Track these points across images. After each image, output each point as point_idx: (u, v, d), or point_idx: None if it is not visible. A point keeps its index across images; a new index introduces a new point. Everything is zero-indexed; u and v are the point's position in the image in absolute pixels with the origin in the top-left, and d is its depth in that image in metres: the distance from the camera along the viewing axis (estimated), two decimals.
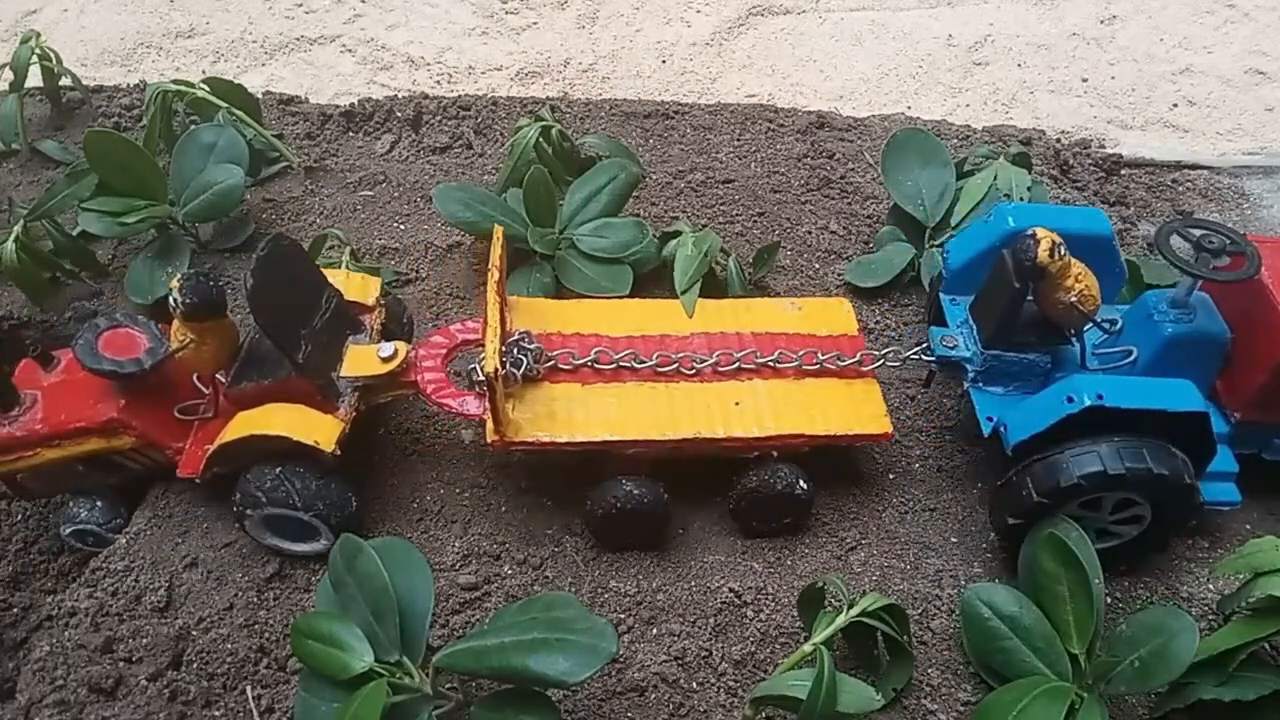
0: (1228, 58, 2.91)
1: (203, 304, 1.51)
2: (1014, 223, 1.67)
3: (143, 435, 1.59)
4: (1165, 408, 1.43)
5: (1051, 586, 1.43)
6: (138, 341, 1.58)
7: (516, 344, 1.62)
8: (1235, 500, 1.62)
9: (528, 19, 3.07)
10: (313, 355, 1.58)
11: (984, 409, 1.64)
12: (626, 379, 1.66)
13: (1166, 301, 1.60)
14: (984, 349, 1.64)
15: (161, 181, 2.02)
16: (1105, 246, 1.69)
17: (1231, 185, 2.47)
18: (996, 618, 1.45)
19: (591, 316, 1.75)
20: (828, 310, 1.81)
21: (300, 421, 1.54)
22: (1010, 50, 2.95)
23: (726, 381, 1.67)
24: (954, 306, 1.75)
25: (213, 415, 1.63)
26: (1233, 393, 1.64)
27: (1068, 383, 1.49)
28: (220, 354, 1.59)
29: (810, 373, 1.69)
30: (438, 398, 1.62)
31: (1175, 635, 1.35)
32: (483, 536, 1.66)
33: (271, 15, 3.05)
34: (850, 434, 1.63)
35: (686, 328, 1.75)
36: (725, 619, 1.57)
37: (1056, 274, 1.51)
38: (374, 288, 1.77)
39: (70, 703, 1.47)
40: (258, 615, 1.56)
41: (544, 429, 1.57)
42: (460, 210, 1.99)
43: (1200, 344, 1.59)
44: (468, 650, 1.28)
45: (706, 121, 2.51)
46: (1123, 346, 1.64)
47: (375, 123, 2.48)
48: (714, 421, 1.60)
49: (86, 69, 2.81)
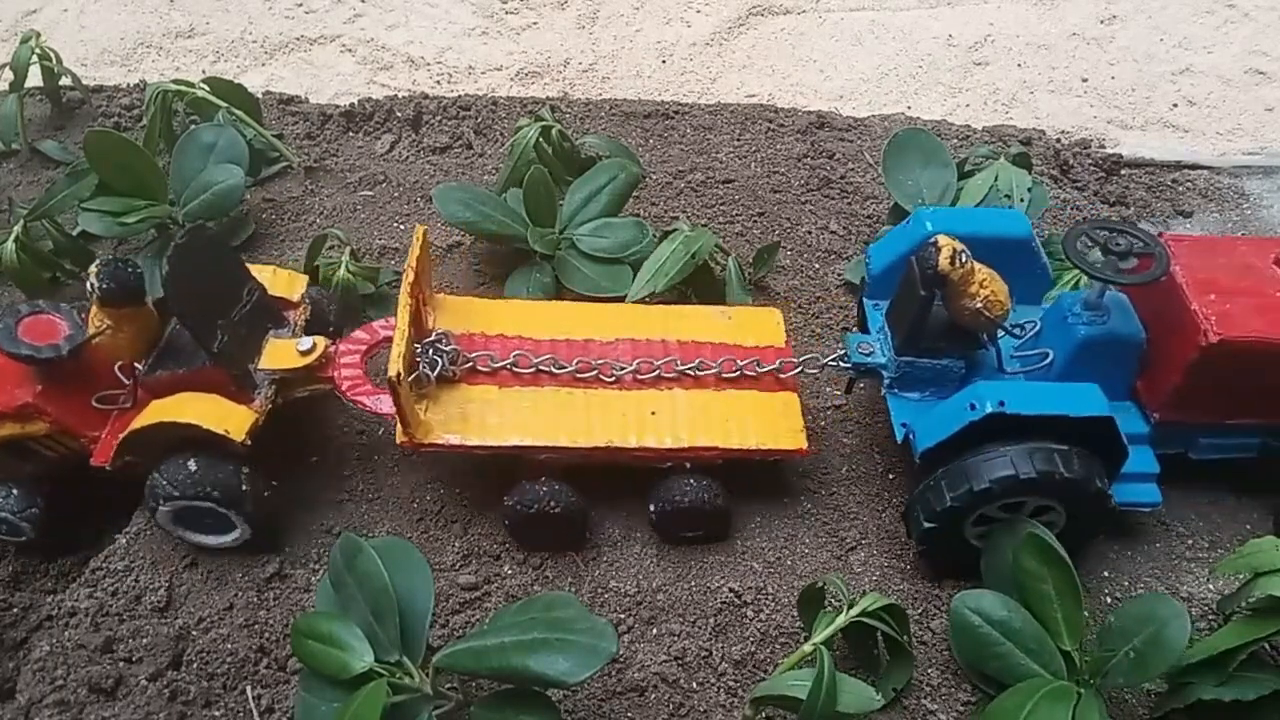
0: (1228, 58, 2.91)
1: (119, 289, 1.51)
2: (931, 226, 1.64)
3: (57, 422, 1.57)
4: (1068, 413, 1.42)
5: (1037, 587, 1.43)
6: (58, 328, 1.57)
7: (433, 344, 1.61)
8: (1156, 501, 1.61)
9: (528, 19, 3.07)
10: (229, 346, 1.58)
11: (899, 415, 1.62)
12: (544, 383, 1.65)
13: (1080, 303, 1.58)
14: (897, 355, 1.63)
15: (161, 181, 2.02)
16: (1025, 248, 1.68)
17: (1231, 185, 2.47)
18: (987, 624, 1.44)
19: (518, 318, 1.75)
20: (758, 320, 1.80)
21: (212, 411, 1.54)
22: (1010, 50, 2.95)
23: (645, 390, 1.66)
24: (875, 311, 1.74)
25: (131, 405, 1.62)
26: (1151, 393, 1.63)
27: (971, 390, 1.48)
28: (138, 342, 1.59)
29: (729, 381, 1.68)
30: (353, 395, 1.62)
31: (1166, 623, 1.35)
32: (483, 536, 1.66)
33: (271, 15, 3.05)
34: (764, 448, 1.61)
35: (612, 333, 1.74)
36: (725, 619, 1.57)
37: (959, 281, 1.50)
38: (300, 284, 1.77)
39: (70, 703, 1.47)
40: (258, 615, 1.56)
41: (455, 431, 1.57)
42: (460, 210, 1.99)
43: (1114, 345, 1.58)
44: (468, 650, 1.28)
45: (706, 121, 2.51)
46: (1040, 349, 1.63)
47: (375, 123, 2.48)
48: (627, 430, 1.60)
49: (86, 69, 2.81)
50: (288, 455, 1.77)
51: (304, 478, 1.75)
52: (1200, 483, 1.74)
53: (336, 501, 1.72)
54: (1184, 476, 1.71)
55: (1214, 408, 1.59)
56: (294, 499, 1.71)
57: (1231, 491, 1.74)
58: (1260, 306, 1.52)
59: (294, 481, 1.73)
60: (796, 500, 1.72)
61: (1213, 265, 1.58)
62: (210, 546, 1.62)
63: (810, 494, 1.74)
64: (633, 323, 1.76)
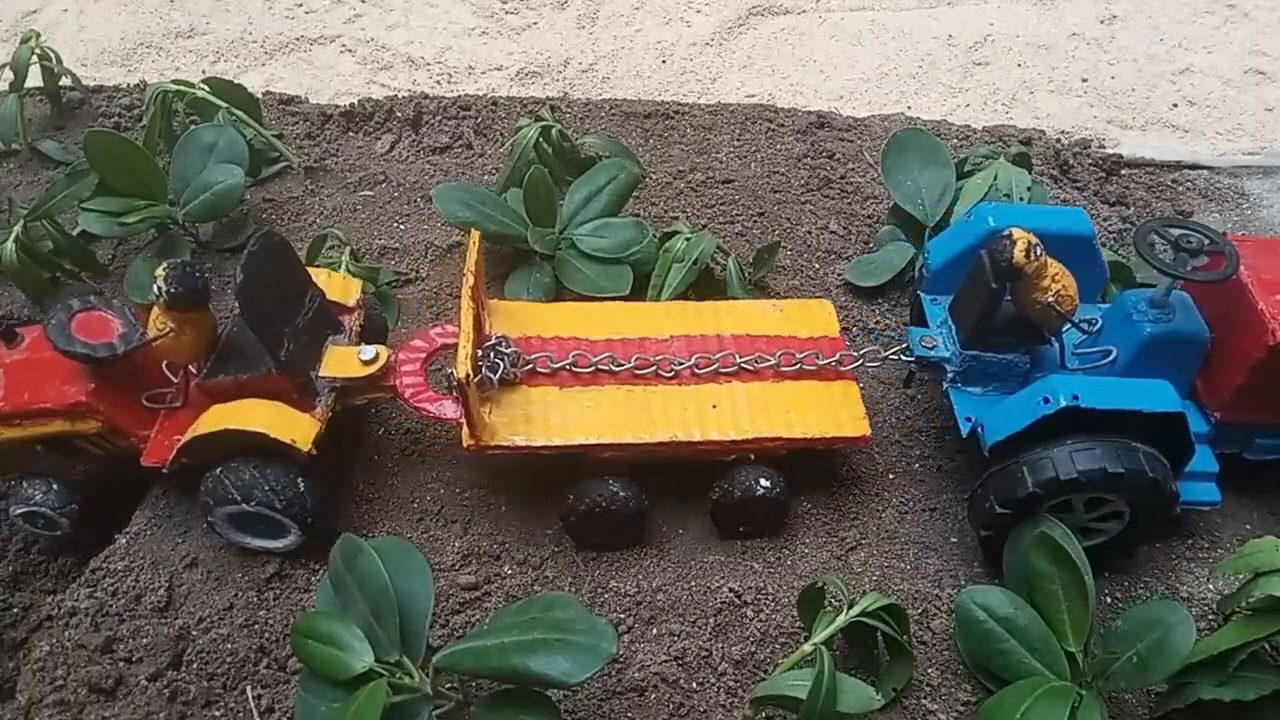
0: (1228, 58, 2.91)
1: (187, 294, 1.50)
2: (994, 222, 1.66)
3: (109, 421, 1.56)
4: (1141, 408, 1.43)
5: (1045, 585, 1.43)
6: (111, 325, 1.57)
7: (493, 348, 1.62)
8: (1216, 500, 1.61)
9: (528, 19, 3.07)
10: (294, 353, 1.58)
11: (963, 409, 1.63)
12: (604, 382, 1.65)
13: (1146, 301, 1.59)
14: (962, 349, 1.63)
15: (161, 181, 2.02)
16: (1086, 246, 1.68)
17: (1231, 185, 2.47)
18: (992, 620, 1.45)
19: (570, 320, 1.75)
20: (809, 311, 1.80)
21: (278, 419, 1.53)
22: (1010, 50, 2.95)
23: (704, 384, 1.66)
24: (934, 306, 1.75)
25: (181, 405, 1.62)
26: (1212, 392, 1.63)
27: (1044, 383, 1.48)
28: (197, 345, 1.58)
29: (788, 374, 1.68)
30: (415, 402, 1.62)
31: (1172, 629, 1.35)
32: (483, 536, 1.66)
33: (271, 15, 3.05)
34: (828, 437, 1.62)
35: (665, 330, 1.74)
36: (725, 619, 1.57)
37: (1033, 274, 1.50)
38: (355, 289, 1.77)
39: (70, 703, 1.47)
40: (258, 615, 1.56)
41: (520, 432, 1.57)
42: (460, 210, 1.99)
43: (1179, 344, 1.58)
44: (468, 650, 1.28)
45: (706, 121, 2.51)
46: (1102, 347, 1.63)
47: (375, 123, 2.48)
48: (690, 425, 1.60)
49: (86, 69, 2.81)
50: None
51: None
52: None
53: (336, 501, 1.72)
54: None
55: (1275, 408, 1.60)
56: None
57: (1232, 491, 1.74)
58: None
59: None
60: (797, 500, 1.72)
61: (1277, 265, 1.58)
62: (263, 550, 1.62)
63: (810, 494, 1.74)
64: (684, 319, 1.77)
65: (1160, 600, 1.56)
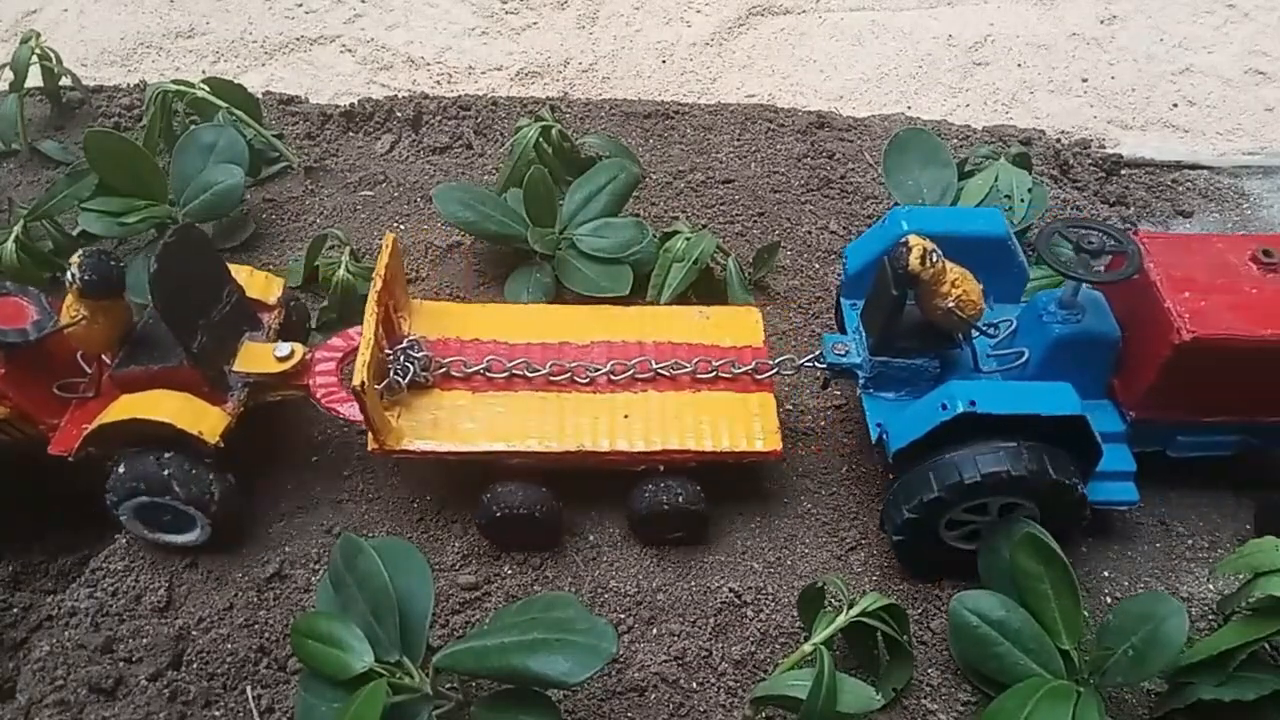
0: (1228, 58, 2.91)
1: (101, 282, 1.50)
2: (907, 226, 1.63)
3: (17, 407, 1.56)
4: (1039, 412, 1.42)
5: (1034, 586, 1.43)
6: (25, 311, 1.56)
7: (404, 351, 1.61)
8: (1133, 499, 1.60)
9: (528, 19, 3.07)
10: (207, 346, 1.58)
11: (874, 415, 1.62)
12: (518, 387, 1.64)
13: (1055, 302, 1.58)
14: (871, 355, 1.62)
15: (161, 181, 2.02)
16: (1001, 247, 1.67)
17: (1231, 185, 2.47)
18: (985, 624, 1.44)
19: (493, 322, 1.74)
20: (736, 320, 1.78)
21: (186, 410, 1.53)
22: (1010, 50, 2.95)
23: (619, 393, 1.65)
24: (853, 311, 1.73)
25: (94, 395, 1.61)
26: (1127, 391, 1.62)
27: (943, 389, 1.47)
28: (110, 334, 1.58)
29: (704, 382, 1.67)
30: (326, 402, 1.62)
31: (1164, 620, 1.35)
32: (482, 536, 1.66)
33: (271, 15, 3.05)
34: (738, 451, 1.60)
35: (587, 336, 1.73)
36: (725, 619, 1.57)
37: (930, 280, 1.49)
38: (277, 288, 1.77)
39: (70, 703, 1.47)
40: (258, 615, 1.56)
41: (426, 438, 1.56)
42: (460, 210, 1.99)
43: (1088, 344, 1.57)
44: (468, 650, 1.28)
45: (706, 121, 2.51)
46: (1016, 348, 1.62)
47: (375, 123, 2.48)
48: (599, 434, 1.59)
49: (86, 69, 2.81)
50: (288, 455, 1.78)
51: (304, 477, 1.75)
52: (1200, 483, 1.74)
53: (336, 501, 1.72)
54: (1184, 476, 1.72)
55: (1190, 406, 1.58)
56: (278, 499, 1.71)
57: (1232, 491, 1.74)
58: (1235, 304, 1.50)
59: (295, 482, 1.74)
60: (796, 500, 1.72)
61: (1188, 263, 1.56)
62: (166, 544, 1.61)
63: (810, 494, 1.74)
64: (608, 324, 1.75)
65: (1150, 593, 1.56)
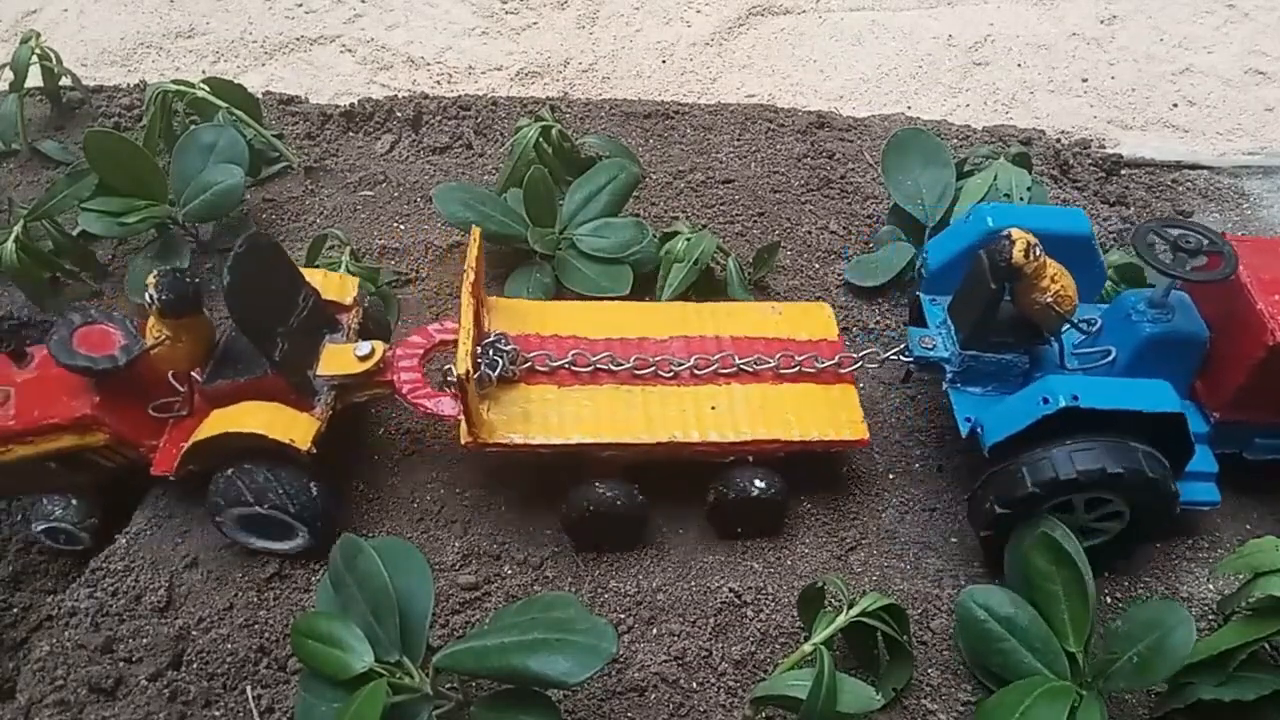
0: (1228, 58, 2.91)
1: (179, 300, 1.51)
2: (993, 223, 1.66)
3: (116, 432, 1.57)
4: (1141, 408, 1.43)
5: (1045, 585, 1.43)
6: (112, 338, 1.57)
7: (493, 345, 1.61)
8: (1215, 500, 1.61)
9: (528, 19, 3.06)
10: (289, 353, 1.57)
11: (962, 409, 1.63)
12: (603, 381, 1.65)
13: (1145, 301, 1.60)
14: (961, 349, 1.64)
15: (161, 181, 2.02)
16: (1085, 246, 1.68)
17: (1231, 185, 2.47)
18: (993, 619, 1.45)
19: (571, 318, 1.75)
20: (808, 315, 1.80)
21: (276, 420, 1.53)
22: (1010, 50, 2.95)
23: (703, 385, 1.66)
24: (933, 306, 1.75)
25: (188, 413, 1.62)
26: (1212, 393, 1.64)
27: (1043, 383, 1.48)
28: (196, 351, 1.58)
29: (787, 377, 1.68)
30: (413, 398, 1.62)
31: (1172, 629, 1.35)
32: (483, 536, 1.66)
33: (271, 15, 3.05)
34: (826, 440, 1.62)
35: (665, 331, 1.74)
36: (725, 619, 1.57)
37: (1032, 275, 1.50)
38: (352, 288, 1.77)
39: (70, 703, 1.47)
40: (258, 615, 1.56)
41: (518, 430, 1.57)
42: (460, 210, 1.99)
43: (1178, 344, 1.59)
44: (468, 650, 1.28)
45: (706, 121, 2.51)
46: (1101, 347, 1.63)
47: (375, 123, 2.48)
48: (689, 425, 1.60)
49: (86, 69, 2.81)
50: None
51: None
52: None
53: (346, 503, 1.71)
54: None
55: (1274, 408, 1.60)
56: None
57: (1232, 491, 1.74)
58: None
59: None
60: (796, 500, 1.72)
61: (1275, 265, 1.58)
62: (270, 551, 1.62)
63: (810, 494, 1.74)
64: (684, 320, 1.77)
65: (1160, 600, 1.56)
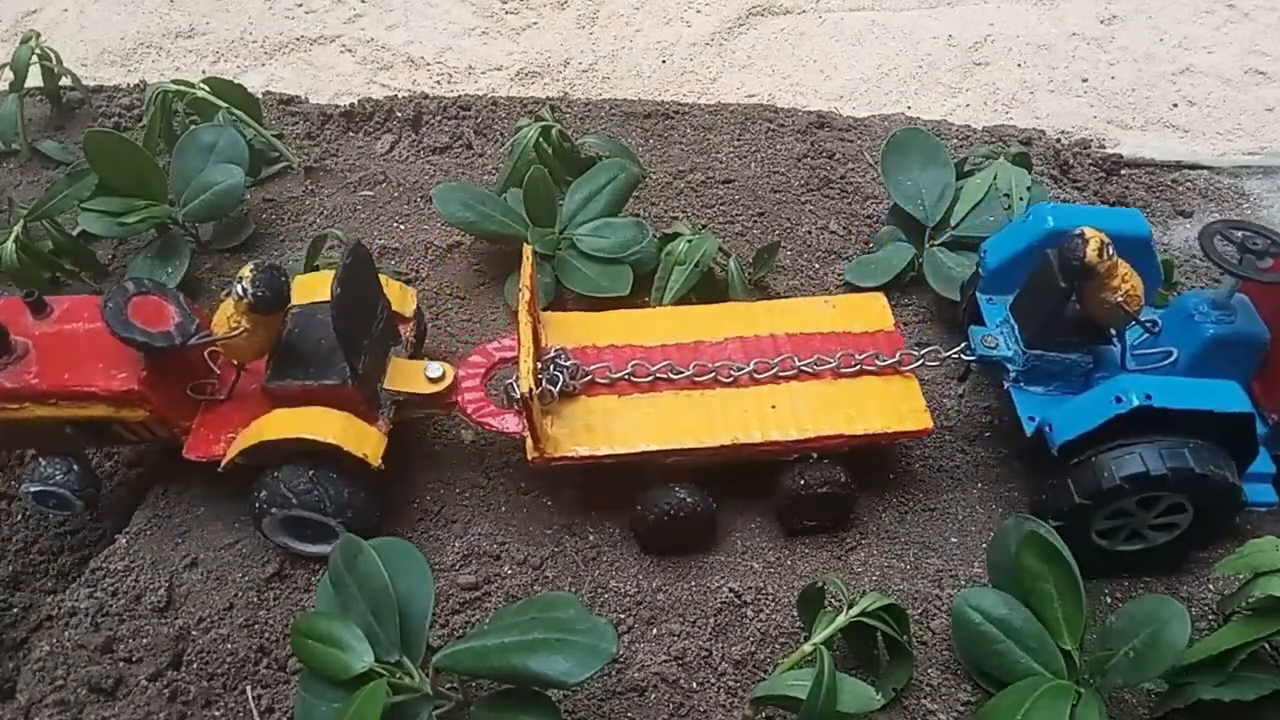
0: (1228, 58, 2.91)
1: (274, 298, 1.49)
2: (1053, 222, 1.66)
3: (158, 411, 1.52)
4: (1213, 408, 1.43)
5: (1038, 586, 1.43)
6: (166, 311, 1.51)
7: (553, 361, 1.62)
8: (1273, 501, 1.61)
9: (528, 19, 3.07)
10: (367, 365, 1.57)
11: (1025, 409, 1.63)
12: (663, 389, 1.66)
13: (1207, 303, 1.61)
14: (1026, 349, 1.63)
15: (161, 181, 2.02)
16: (1144, 248, 1.68)
17: (1231, 185, 2.47)
18: (988, 621, 1.45)
19: (624, 328, 1.75)
20: (863, 306, 1.80)
21: (349, 431, 1.52)
22: (1010, 50, 2.95)
23: (763, 386, 1.66)
24: (991, 306, 1.74)
25: (225, 399, 1.60)
26: (1270, 394, 1.64)
27: (1115, 383, 1.48)
28: (265, 346, 1.56)
29: (847, 374, 1.68)
30: (479, 417, 1.63)
31: (1167, 623, 1.35)
32: (483, 536, 1.66)
33: (271, 15, 3.05)
34: (889, 432, 1.62)
35: (720, 332, 1.74)
36: (725, 619, 1.57)
37: (1104, 274, 1.51)
38: (411, 299, 1.76)
39: (70, 703, 1.47)
40: (258, 615, 1.56)
41: (582, 443, 1.57)
42: (460, 210, 1.99)
43: (1241, 345, 1.59)
44: (468, 650, 1.28)
45: (706, 121, 2.51)
46: (1162, 348, 1.64)
47: (375, 123, 2.49)
48: (750, 426, 1.60)
49: (86, 69, 2.81)
50: None
51: None
52: None
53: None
54: None
55: None
56: None
57: None
58: None
59: None
60: None
61: None
62: (305, 554, 1.61)
63: None
64: (738, 320, 1.76)
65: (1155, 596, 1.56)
